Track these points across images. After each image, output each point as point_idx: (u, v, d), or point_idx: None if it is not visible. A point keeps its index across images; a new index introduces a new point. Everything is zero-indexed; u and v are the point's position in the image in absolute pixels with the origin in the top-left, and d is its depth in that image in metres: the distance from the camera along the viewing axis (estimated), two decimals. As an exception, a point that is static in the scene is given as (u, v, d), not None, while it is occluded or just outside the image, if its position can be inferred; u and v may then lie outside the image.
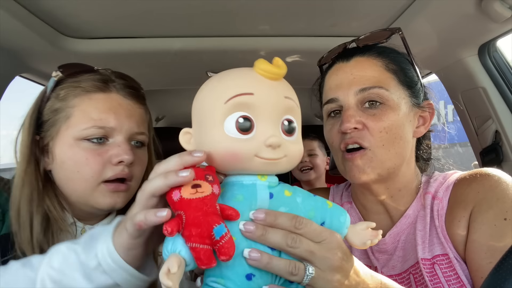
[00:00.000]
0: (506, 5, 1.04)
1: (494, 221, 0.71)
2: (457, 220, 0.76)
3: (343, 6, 1.23)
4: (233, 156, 0.51)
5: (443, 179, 0.84)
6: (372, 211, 0.89)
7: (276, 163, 0.52)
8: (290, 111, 0.54)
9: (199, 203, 0.48)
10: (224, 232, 0.47)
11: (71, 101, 0.76)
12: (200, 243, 0.46)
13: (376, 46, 0.85)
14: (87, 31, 1.36)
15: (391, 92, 0.79)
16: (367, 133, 0.78)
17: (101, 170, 0.74)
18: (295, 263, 0.52)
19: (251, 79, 0.53)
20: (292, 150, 0.54)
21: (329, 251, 0.53)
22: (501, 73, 1.35)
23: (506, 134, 1.33)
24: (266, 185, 0.54)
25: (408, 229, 0.83)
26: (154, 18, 1.28)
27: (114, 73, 0.84)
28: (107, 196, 0.75)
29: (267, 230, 0.51)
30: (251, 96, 0.51)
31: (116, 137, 0.77)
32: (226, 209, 0.50)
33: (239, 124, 0.50)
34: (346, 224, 0.58)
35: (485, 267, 0.69)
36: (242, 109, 0.51)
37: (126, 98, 0.80)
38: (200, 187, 0.48)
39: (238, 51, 1.52)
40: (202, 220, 0.47)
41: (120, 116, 0.77)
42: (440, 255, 0.76)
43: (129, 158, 0.75)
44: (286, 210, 0.54)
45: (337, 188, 1.02)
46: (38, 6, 1.14)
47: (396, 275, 0.82)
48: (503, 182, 0.75)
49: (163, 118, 3.34)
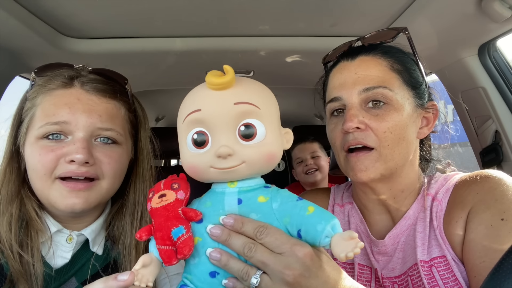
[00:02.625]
0: (506, 5, 1.04)
1: (491, 221, 0.71)
2: (455, 221, 0.76)
3: (343, 6, 1.22)
4: (193, 170, 0.57)
5: (444, 180, 0.84)
6: (374, 212, 0.89)
7: (233, 171, 0.55)
8: (247, 116, 0.54)
9: (162, 210, 0.56)
10: (181, 233, 0.54)
11: (36, 100, 0.76)
12: (162, 244, 0.55)
13: (382, 46, 0.84)
14: (87, 31, 1.36)
15: (395, 92, 0.78)
16: (371, 133, 0.77)
17: (53, 167, 0.71)
18: (248, 269, 0.54)
19: (200, 94, 0.56)
20: (250, 155, 0.54)
21: (284, 264, 0.52)
22: (501, 73, 1.35)
23: (506, 134, 1.33)
24: (236, 192, 0.57)
25: (408, 231, 0.83)
26: (154, 18, 1.28)
27: (90, 70, 0.82)
28: (64, 195, 0.71)
29: (231, 235, 0.54)
30: (199, 112, 0.54)
31: (75, 134, 0.73)
32: (188, 211, 0.56)
33: (194, 139, 0.55)
34: (325, 233, 0.52)
35: (479, 266, 0.69)
36: (196, 125, 0.55)
37: (88, 92, 0.76)
38: (165, 196, 0.57)
39: (238, 51, 1.52)
40: (163, 225, 0.55)
41: (76, 110, 0.73)
42: (438, 257, 0.76)
43: (81, 157, 0.70)
44: (257, 217, 0.56)
45: (337, 188, 1.02)
46: (38, 6, 1.13)
47: (396, 277, 0.82)
48: (503, 183, 0.75)
49: (163, 118, 3.34)
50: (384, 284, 0.83)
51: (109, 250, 0.81)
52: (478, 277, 0.69)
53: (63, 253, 0.75)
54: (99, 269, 0.77)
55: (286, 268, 0.52)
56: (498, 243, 0.69)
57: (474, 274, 0.70)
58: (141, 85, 2.15)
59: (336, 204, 0.97)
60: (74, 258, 0.76)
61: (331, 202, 0.99)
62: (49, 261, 0.74)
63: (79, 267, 0.76)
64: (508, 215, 0.70)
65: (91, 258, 0.77)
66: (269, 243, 0.53)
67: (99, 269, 0.77)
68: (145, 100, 2.92)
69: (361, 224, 0.90)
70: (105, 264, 0.79)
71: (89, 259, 0.77)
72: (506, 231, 0.69)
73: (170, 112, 3.24)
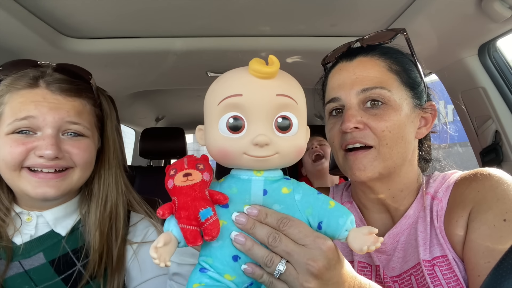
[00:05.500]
0: (506, 5, 1.04)
1: (493, 222, 0.71)
2: (455, 220, 0.76)
3: (343, 6, 1.23)
4: (223, 154, 0.56)
5: (443, 179, 0.84)
6: (373, 211, 0.89)
7: (266, 160, 0.55)
8: (285, 108, 0.55)
9: (188, 189, 0.54)
10: (210, 215, 0.53)
11: (4, 99, 0.80)
12: (187, 224, 0.53)
13: (380, 47, 0.84)
14: (87, 31, 1.36)
15: (393, 92, 0.79)
16: (370, 132, 0.78)
17: (22, 159, 0.77)
18: (272, 256, 0.55)
19: (242, 80, 0.55)
20: (284, 147, 0.55)
21: (309, 256, 0.54)
22: (501, 73, 1.35)
23: (506, 134, 1.33)
24: (262, 181, 0.57)
25: (408, 230, 0.83)
26: (154, 18, 1.28)
27: (55, 68, 0.85)
28: (34, 185, 0.78)
29: (256, 225, 0.55)
30: (240, 97, 0.54)
31: (44, 130, 0.78)
32: (215, 194, 0.56)
33: (229, 124, 0.54)
34: (345, 226, 0.56)
35: (482, 266, 0.69)
36: (233, 110, 0.54)
37: (54, 93, 0.80)
38: (191, 175, 0.55)
39: (238, 51, 1.52)
40: (190, 204, 0.54)
41: (43, 108, 0.78)
42: (440, 256, 0.76)
43: (51, 154, 0.76)
44: (280, 208, 0.57)
45: (337, 188, 1.02)
46: (38, 6, 1.14)
47: (396, 276, 0.82)
48: (504, 182, 0.75)
49: (163, 118, 3.34)
50: (385, 281, 0.83)
51: (81, 233, 0.86)
52: (482, 277, 0.69)
53: (26, 231, 0.83)
54: (69, 250, 0.83)
55: (310, 259, 0.54)
56: (501, 244, 0.69)
57: (477, 273, 0.70)
58: (141, 85, 2.16)
59: (335, 203, 0.98)
60: (43, 237, 0.84)
61: None
62: (17, 236, 0.83)
63: (49, 246, 0.83)
64: (510, 216, 0.70)
65: (63, 240, 0.84)
66: (292, 235, 0.55)
67: (69, 250, 0.83)
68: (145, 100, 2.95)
69: (360, 223, 0.90)
70: (78, 246, 0.85)
71: (60, 240, 0.84)
72: (509, 231, 0.69)
73: (170, 112, 3.25)
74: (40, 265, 0.81)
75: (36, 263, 0.81)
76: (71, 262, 0.82)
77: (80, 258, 0.83)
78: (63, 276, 0.81)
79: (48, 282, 0.80)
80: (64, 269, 0.81)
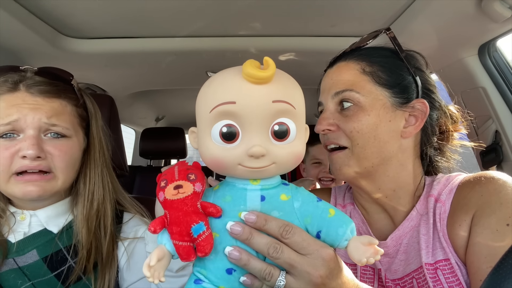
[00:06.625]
0: (506, 5, 1.04)
1: (496, 226, 0.71)
2: (458, 224, 0.75)
3: (343, 6, 1.23)
4: (217, 164, 0.53)
5: (447, 181, 0.83)
6: (371, 211, 0.89)
7: (262, 171, 0.52)
8: (282, 114, 0.51)
9: (180, 203, 0.52)
10: (202, 231, 0.52)
11: None
12: (179, 240, 0.52)
13: (358, 50, 0.87)
14: (87, 31, 1.36)
15: (362, 94, 0.80)
16: (343, 134, 0.81)
17: (9, 164, 0.79)
18: (271, 270, 0.53)
19: (235, 85, 0.51)
20: (282, 156, 0.52)
21: (312, 266, 0.53)
22: (501, 73, 1.35)
23: (506, 134, 1.33)
24: (258, 189, 0.55)
25: (411, 233, 0.82)
26: (154, 18, 1.28)
27: (35, 71, 0.87)
28: (21, 186, 0.80)
29: (253, 235, 0.53)
30: (233, 105, 0.50)
31: (26, 131, 0.80)
32: (208, 206, 0.53)
33: (223, 133, 0.51)
34: (345, 236, 0.54)
35: (485, 270, 0.69)
36: (226, 118, 0.51)
37: (33, 95, 0.83)
38: (182, 188, 0.52)
39: (238, 51, 1.52)
40: (182, 220, 0.52)
41: (23, 110, 0.80)
42: (443, 260, 0.76)
43: (32, 153, 0.78)
44: (278, 215, 0.55)
45: (339, 189, 1.02)
46: (38, 6, 1.14)
47: (398, 279, 0.82)
48: (507, 186, 0.74)
49: (163, 118, 3.34)
50: (387, 285, 0.83)
51: (74, 231, 0.88)
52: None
53: (20, 229, 0.86)
54: (61, 248, 0.86)
55: (313, 269, 0.53)
56: (504, 249, 0.68)
57: (480, 277, 0.70)
58: (141, 85, 2.16)
59: (338, 205, 0.97)
60: (36, 235, 0.86)
61: (333, 203, 0.99)
62: (11, 234, 0.85)
63: (42, 243, 0.85)
64: None
65: (56, 238, 0.86)
66: (295, 244, 0.53)
67: (62, 247, 0.86)
68: (145, 100, 2.94)
69: (363, 225, 0.90)
70: (70, 243, 0.87)
71: (53, 237, 0.86)
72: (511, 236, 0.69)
73: (170, 112, 3.25)
74: (33, 262, 0.83)
75: (30, 260, 0.83)
76: (63, 259, 0.85)
77: (71, 255, 0.85)
78: (56, 273, 0.83)
79: (41, 278, 0.82)
80: (56, 265, 0.83)
